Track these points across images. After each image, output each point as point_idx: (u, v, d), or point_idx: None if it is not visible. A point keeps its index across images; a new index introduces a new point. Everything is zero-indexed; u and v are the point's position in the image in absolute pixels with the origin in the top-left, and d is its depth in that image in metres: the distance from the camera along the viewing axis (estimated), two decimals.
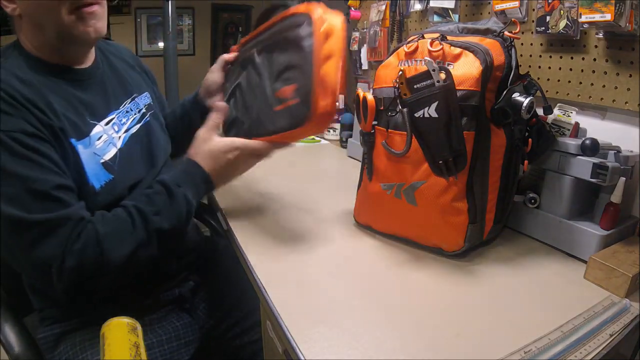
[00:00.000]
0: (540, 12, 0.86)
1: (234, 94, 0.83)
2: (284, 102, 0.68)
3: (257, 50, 0.78)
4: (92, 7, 0.64)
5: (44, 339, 0.71)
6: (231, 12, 3.58)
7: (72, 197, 0.61)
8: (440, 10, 1.15)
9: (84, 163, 0.64)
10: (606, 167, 0.64)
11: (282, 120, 0.68)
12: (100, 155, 0.67)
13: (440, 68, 0.62)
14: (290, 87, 0.67)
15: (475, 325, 0.53)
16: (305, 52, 0.65)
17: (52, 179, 0.58)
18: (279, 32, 0.72)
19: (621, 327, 0.53)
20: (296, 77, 0.67)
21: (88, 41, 0.68)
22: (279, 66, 0.71)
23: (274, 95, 0.70)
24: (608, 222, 0.68)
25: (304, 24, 0.66)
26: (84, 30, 0.65)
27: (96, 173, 0.66)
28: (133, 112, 0.79)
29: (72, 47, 0.68)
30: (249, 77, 0.80)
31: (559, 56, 0.86)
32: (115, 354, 0.36)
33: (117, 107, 0.76)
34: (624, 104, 0.76)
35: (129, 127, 0.76)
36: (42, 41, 0.66)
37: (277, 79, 0.71)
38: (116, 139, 0.72)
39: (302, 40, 0.66)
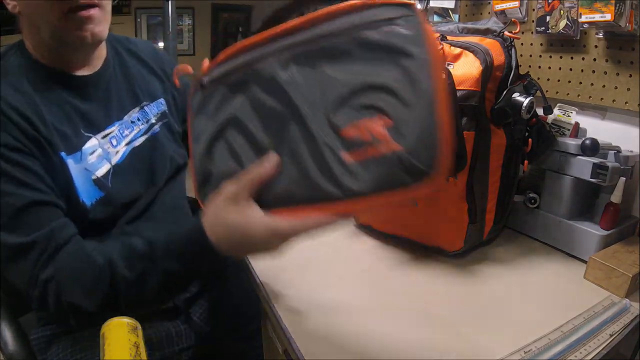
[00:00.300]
0: (540, 12, 0.86)
1: (221, 135, 0.54)
2: (363, 146, 0.42)
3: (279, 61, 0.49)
4: (89, 11, 0.59)
5: (37, 340, 0.71)
6: (231, 12, 3.58)
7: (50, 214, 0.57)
8: (440, 10, 1.15)
9: (74, 179, 0.61)
10: (606, 167, 0.64)
11: (363, 179, 0.43)
12: (91, 171, 0.63)
13: None
14: (377, 122, 0.42)
15: (475, 325, 0.53)
16: (416, 63, 0.41)
17: (27, 194, 0.55)
18: (340, 31, 0.45)
19: (621, 327, 0.53)
20: (388, 104, 0.42)
21: (84, 47, 0.63)
22: (344, 85, 0.44)
23: (335, 134, 0.44)
24: (608, 222, 0.68)
25: (399, 20, 0.42)
26: (80, 35, 0.60)
27: (87, 190, 0.62)
28: (140, 122, 0.73)
29: (69, 51, 0.64)
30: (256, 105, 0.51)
31: (559, 56, 0.86)
32: (115, 354, 0.36)
33: (121, 117, 0.71)
34: (624, 104, 0.76)
35: (132, 139, 0.71)
36: (39, 42, 0.62)
37: (340, 106, 0.44)
38: (112, 154, 0.67)
39: (404, 44, 0.41)
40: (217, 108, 0.54)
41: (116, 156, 0.68)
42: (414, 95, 0.40)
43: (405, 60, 0.41)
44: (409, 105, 0.41)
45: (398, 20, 0.42)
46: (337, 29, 0.45)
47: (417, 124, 0.40)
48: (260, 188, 0.49)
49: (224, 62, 0.54)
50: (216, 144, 0.54)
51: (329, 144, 0.45)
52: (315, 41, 0.47)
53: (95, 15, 0.60)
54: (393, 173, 0.41)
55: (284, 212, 0.48)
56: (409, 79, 0.41)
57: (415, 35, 0.41)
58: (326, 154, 0.45)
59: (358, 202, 0.43)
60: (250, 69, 0.51)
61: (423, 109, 0.40)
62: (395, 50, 0.42)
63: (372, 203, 0.43)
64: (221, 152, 0.53)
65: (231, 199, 0.50)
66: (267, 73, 0.49)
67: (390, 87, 0.42)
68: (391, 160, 0.41)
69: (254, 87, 0.51)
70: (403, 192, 0.41)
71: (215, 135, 0.54)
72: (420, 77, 0.40)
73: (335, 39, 0.45)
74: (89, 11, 0.59)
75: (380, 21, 0.43)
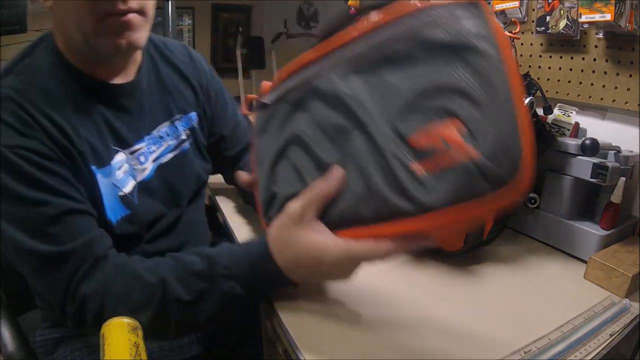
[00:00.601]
0: (540, 12, 0.86)
1: (284, 154, 0.52)
2: (434, 154, 0.39)
3: (338, 73, 0.47)
4: (128, 16, 0.53)
5: (43, 342, 0.69)
6: (231, 12, 3.58)
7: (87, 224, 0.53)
8: None
9: (103, 194, 0.57)
10: (606, 167, 0.64)
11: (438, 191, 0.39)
12: (119, 187, 0.60)
13: None
14: (448, 126, 0.38)
15: (475, 325, 0.53)
16: (486, 61, 0.37)
17: (62, 202, 0.51)
18: (400, 35, 0.42)
19: (621, 327, 0.53)
20: (459, 106, 0.38)
21: (117, 55, 0.58)
22: (409, 90, 0.41)
23: (403, 144, 0.41)
24: (608, 222, 0.68)
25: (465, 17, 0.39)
26: (115, 42, 0.54)
27: (113, 206, 0.58)
28: (169, 138, 0.69)
29: (101, 58, 0.58)
30: (319, 121, 0.48)
31: (559, 56, 0.86)
32: (115, 354, 0.36)
33: (150, 131, 0.66)
34: (624, 104, 0.76)
35: (159, 155, 0.66)
36: (70, 44, 0.57)
37: (407, 113, 0.41)
38: (138, 171, 0.63)
39: (472, 41, 0.38)
40: (280, 127, 0.52)
41: (142, 173, 0.64)
42: (488, 95, 0.37)
43: (474, 57, 0.38)
44: (483, 106, 0.37)
45: (463, 18, 0.39)
46: (397, 34, 0.42)
47: (493, 126, 0.36)
48: (324, 205, 0.47)
49: (285, 80, 0.52)
50: (279, 163, 0.52)
51: (397, 155, 0.41)
52: (374, 49, 0.44)
53: (135, 21, 0.54)
54: (471, 182, 0.37)
55: (353, 232, 0.45)
56: (480, 77, 0.37)
57: (483, 32, 0.38)
58: (395, 167, 0.41)
59: (434, 217, 0.39)
60: (310, 84, 0.49)
61: (499, 109, 0.36)
62: (462, 47, 0.38)
63: (450, 218, 0.39)
64: (285, 172, 0.51)
65: (297, 219, 0.47)
66: (327, 87, 0.47)
67: (460, 88, 0.38)
68: (467, 168, 0.37)
69: (315, 102, 0.48)
70: (483, 203, 0.37)
71: (279, 155, 0.52)
72: (492, 74, 0.37)
73: (396, 44, 0.42)
74: (128, 16, 0.53)
75: (444, 20, 0.40)
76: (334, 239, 0.46)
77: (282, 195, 0.51)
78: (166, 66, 0.71)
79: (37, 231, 0.50)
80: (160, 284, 0.49)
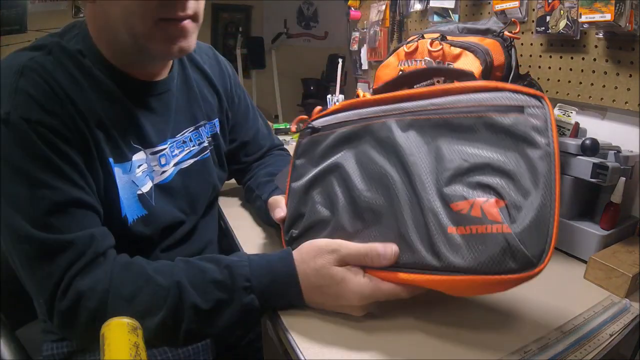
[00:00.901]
0: (540, 12, 0.86)
1: (322, 180, 0.54)
2: (471, 222, 0.42)
3: (399, 122, 0.49)
4: (183, 23, 0.51)
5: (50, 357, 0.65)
6: (231, 12, 3.58)
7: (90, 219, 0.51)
8: (440, 10, 1.15)
9: (120, 189, 0.55)
10: (606, 167, 0.64)
11: (466, 255, 0.42)
12: (138, 185, 0.57)
13: None
14: (491, 202, 0.42)
15: (475, 325, 0.53)
16: (539, 154, 0.42)
17: (69, 190, 0.48)
18: (468, 108, 0.45)
19: (621, 327, 0.53)
20: (505, 188, 0.42)
21: (167, 59, 0.58)
22: (464, 160, 0.44)
23: (443, 205, 0.44)
24: (608, 222, 0.68)
25: (530, 109, 0.43)
26: (167, 48, 0.52)
27: (130, 204, 0.56)
28: (192, 143, 0.68)
29: (146, 60, 0.57)
30: (364, 160, 0.50)
31: (559, 56, 0.86)
32: (115, 354, 0.36)
33: (175, 135, 0.64)
34: (624, 104, 0.76)
35: (181, 160, 0.65)
36: (110, 41, 0.55)
37: (455, 180, 0.44)
38: (157, 173, 0.61)
39: (531, 134, 0.42)
40: (324, 154, 0.54)
41: (161, 176, 0.62)
42: (534, 185, 0.41)
43: (529, 149, 0.42)
44: (527, 193, 0.41)
45: (528, 109, 0.43)
46: (465, 105, 0.45)
47: (532, 213, 0.40)
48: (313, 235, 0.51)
49: (340, 111, 0.54)
50: (315, 188, 0.54)
51: (435, 212, 0.44)
52: (441, 111, 0.46)
53: (189, 27, 0.52)
54: (498, 256, 0.40)
55: (380, 273, 0.48)
56: (531, 167, 0.42)
57: (542, 127, 0.42)
58: (430, 222, 0.44)
59: (458, 279, 0.42)
60: (367, 124, 0.51)
61: (541, 200, 0.40)
62: (522, 138, 0.42)
63: (471, 284, 0.42)
64: (317, 197, 0.53)
65: (340, 261, 0.48)
66: (383, 131, 0.49)
67: (510, 172, 0.42)
68: (498, 241, 0.40)
69: (365, 142, 0.51)
70: (504, 278, 0.40)
71: (315, 180, 0.54)
72: (542, 168, 0.41)
73: (462, 115, 0.45)
74: (184, 23, 0.51)
75: (511, 107, 0.43)
76: (362, 275, 0.48)
77: (309, 218, 0.53)
78: (194, 70, 0.70)
79: (37, 217, 0.47)
80: (175, 288, 0.47)
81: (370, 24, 1.51)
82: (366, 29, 1.56)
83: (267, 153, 0.86)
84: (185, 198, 0.66)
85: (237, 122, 0.79)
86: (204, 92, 0.70)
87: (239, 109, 0.79)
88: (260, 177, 0.78)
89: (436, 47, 0.67)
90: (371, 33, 1.51)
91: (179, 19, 0.51)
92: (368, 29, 1.53)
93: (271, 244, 0.73)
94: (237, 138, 0.80)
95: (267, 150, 0.86)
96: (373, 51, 1.54)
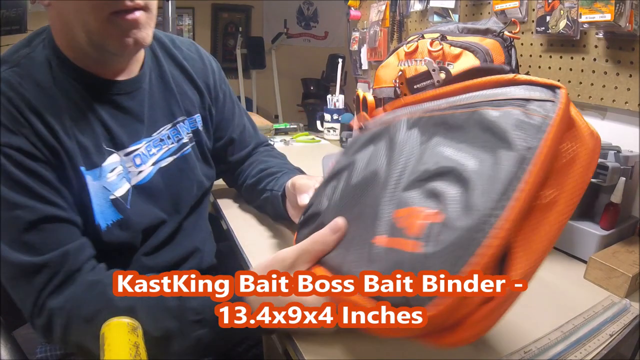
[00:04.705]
0: (540, 12, 0.86)
1: (338, 175, 0.53)
2: (395, 234, 0.38)
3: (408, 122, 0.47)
4: (135, 14, 0.51)
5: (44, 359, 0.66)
6: (231, 12, 3.58)
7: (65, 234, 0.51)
8: (440, 10, 1.15)
9: (92, 197, 0.55)
10: (606, 167, 0.64)
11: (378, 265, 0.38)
12: (110, 190, 0.57)
13: (440, 68, 0.62)
14: (429, 213, 0.36)
15: None
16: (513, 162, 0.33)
17: (41, 208, 0.49)
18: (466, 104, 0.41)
19: (621, 327, 0.53)
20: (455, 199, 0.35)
21: (125, 53, 0.56)
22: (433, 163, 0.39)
23: (389, 212, 0.40)
24: (608, 222, 0.68)
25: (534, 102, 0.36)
26: (123, 41, 0.52)
27: (103, 210, 0.56)
28: (170, 141, 0.66)
29: (105, 57, 0.57)
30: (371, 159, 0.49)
31: (559, 56, 0.86)
32: (115, 354, 0.36)
33: (151, 133, 0.63)
34: (624, 104, 0.76)
35: (159, 159, 0.64)
36: (71, 42, 0.55)
37: (414, 186, 0.40)
38: (133, 174, 0.61)
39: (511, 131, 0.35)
40: (353, 152, 0.53)
41: (138, 176, 0.61)
42: (484, 199, 0.33)
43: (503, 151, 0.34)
44: (470, 209, 0.33)
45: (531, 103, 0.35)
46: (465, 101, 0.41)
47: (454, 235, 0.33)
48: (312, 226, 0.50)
49: (388, 113, 0.54)
50: (330, 182, 0.54)
51: (379, 218, 0.40)
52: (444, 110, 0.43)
53: (141, 19, 0.53)
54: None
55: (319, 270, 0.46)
56: (491, 176, 0.33)
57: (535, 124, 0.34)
58: (369, 227, 0.41)
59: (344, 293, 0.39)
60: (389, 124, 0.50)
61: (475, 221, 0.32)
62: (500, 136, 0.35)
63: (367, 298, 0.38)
64: (327, 190, 0.53)
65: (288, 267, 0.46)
66: (393, 131, 0.48)
67: (469, 181, 0.35)
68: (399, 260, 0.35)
69: (382, 141, 0.49)
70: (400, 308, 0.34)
71: (333, 175, 0.54)
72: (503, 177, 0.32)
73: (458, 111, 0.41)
74: (135, 14, 0.51)
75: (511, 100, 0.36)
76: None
77: (313, 208, 0.53)
78: (171, 65, 0.69)
79: (14, 238, 0.48)
80: (128, 313, 0.44)
81: (370, 24, 1.51)
82: (366, 29, 1.56)
83: (254, 151, 0.85)
84: (166, 197, 0.65)
85: (223, 119, 0.78)
86: (182, 88, 0.69)
87: (224, 105, 0.78)
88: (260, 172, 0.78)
89: (436, 47, 0.67)
90: (371, 33, 1.51)
91: (129, 9, 0.51)
92: (368, 29, 1.53)
93: (273, 246, 0.73)
94: (224, 135, 0.79)
95: (254, 148, 0.85)
96: (373, 51, 1.54)
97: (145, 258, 0.63)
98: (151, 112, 0.63)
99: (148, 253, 0.64)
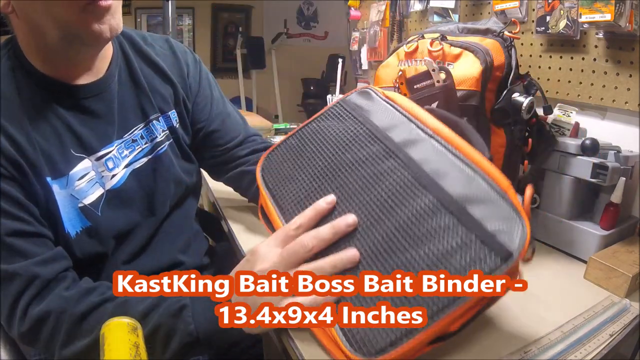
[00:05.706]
0: (540, 12, 0.86)
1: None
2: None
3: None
4: (108, 1, 0.52)
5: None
6: (231, 12, 3.58)
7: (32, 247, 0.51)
8: (440, 10, 1.15)
9: (60, 206, 0.55)
10: (606, 167, 0.64)
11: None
12: (78, 198, 0.57)
13: (440, 68, 0.62)
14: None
15: (475, 325, 0.53)
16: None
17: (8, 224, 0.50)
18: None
19: (621, 327, 0.53)
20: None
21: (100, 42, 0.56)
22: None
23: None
24: (608, 222, 0.68)
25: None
26: (99, 28, 0.52)
27: (71, 219, 0.56)
28: (143, 141, 0.65)
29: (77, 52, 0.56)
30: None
31: (559, 56, 0.86)
32: (115, 354, 0.36)
33: (122, 135, 0.62)
34: (624, 104, 0.76)
35: (132, 161, 0.63)
36: (39, 46, 0.55)
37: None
38: (107, 178, 0.60)
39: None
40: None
41: (112, 180, 0.60)
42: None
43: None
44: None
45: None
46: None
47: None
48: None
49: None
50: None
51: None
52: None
53: (113, 5, 0.54)
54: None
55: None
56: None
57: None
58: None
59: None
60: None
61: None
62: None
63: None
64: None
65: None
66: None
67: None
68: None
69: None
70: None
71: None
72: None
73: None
74: (108, 1, 0.52)
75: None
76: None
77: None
78: (142, 62, 0.67)
79: None
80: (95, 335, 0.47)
81: (370, 24, 1.51)
82: (366, 29, 1.56)
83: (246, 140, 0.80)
84: (142, 200, 0.64)
85: (200, 111, 0.74)
86: (154, 85, 0.67)
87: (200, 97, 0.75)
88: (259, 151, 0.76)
89: (436, 47, 0.67)
90: (371, 33, 1.51)
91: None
92: (368, 29, 1.53)
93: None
94: (202, 127, 0.75)
95: (242, 140, 0.79)
96: (373, 51, 1.54)
97: (125, 266, 0.63)
98: (122, 112, 0.62)
99: (127, 261, 0.63)
